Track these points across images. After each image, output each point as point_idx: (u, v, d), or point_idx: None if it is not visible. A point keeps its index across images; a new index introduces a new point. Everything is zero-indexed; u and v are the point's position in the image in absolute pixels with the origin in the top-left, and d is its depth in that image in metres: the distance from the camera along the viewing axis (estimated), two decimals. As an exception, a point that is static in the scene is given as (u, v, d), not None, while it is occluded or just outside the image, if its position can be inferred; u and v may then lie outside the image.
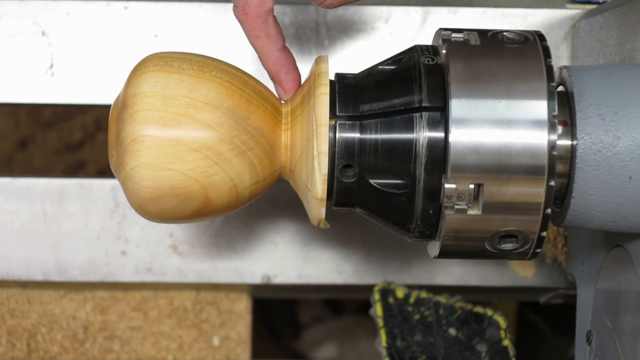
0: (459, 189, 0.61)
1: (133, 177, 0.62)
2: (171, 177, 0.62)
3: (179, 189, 0.62)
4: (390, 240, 0.88)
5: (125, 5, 0.85)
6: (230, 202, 0.64)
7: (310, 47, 0.85)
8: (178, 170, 0.62)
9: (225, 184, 0.63)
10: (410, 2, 0.85)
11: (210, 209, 0.63)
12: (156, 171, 0.61)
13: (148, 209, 0.63)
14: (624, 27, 0.72)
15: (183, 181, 0.62)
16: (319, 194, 0.63)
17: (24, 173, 1.27)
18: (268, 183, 0.65)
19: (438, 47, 0.65)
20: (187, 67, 0.63)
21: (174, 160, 0.61)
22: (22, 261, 0.88)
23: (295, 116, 0.65)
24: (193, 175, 0.62)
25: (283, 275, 0.89)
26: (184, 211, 0.63)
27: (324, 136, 0.62)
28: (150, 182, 0.62)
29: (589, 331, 0.75)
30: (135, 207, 0.64)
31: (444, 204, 0.62)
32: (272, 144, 0.64)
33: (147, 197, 0.62)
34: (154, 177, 0.62)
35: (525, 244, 0.63)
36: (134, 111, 0.62)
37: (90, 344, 0.93)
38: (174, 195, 0.62)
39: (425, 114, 0.62)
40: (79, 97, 0.85)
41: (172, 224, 0.88)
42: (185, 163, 0.62)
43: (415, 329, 0.85)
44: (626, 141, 0.62)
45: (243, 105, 0.63)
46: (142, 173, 0.62)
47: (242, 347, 0.94)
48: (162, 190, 0.62)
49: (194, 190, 0.62)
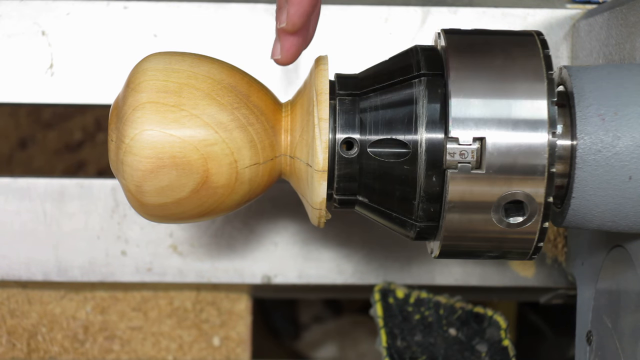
0: (461, 142, 0.61)
1: (133, 148, 0.62)
2: (172, 144, 0.62)
3: (179, 158, 0.62)
4: (391, 240, 0.88)
5: (125, 5, 0.85)
6: (229, 182, 0.63)
7: (309, 47, 0.85)
8: (178, 137, 0.62)
9: (226, 157, 0.63)
10: (410, 2, 0.85)
11: (209, 189, 0.63)
12: (157, 138, 0.62)
13: (146, 189, 0.63)
14: (624, 27, 0.72)
15: (183, 149, 0.62)
16: (320, 163, 0.63)
17: (24, 173, 1.27)
18: (268, 171, 0.65)
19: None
20: (188, 55, 0.65)
21: (174, 126, 0.62)
22: (22, 261, 0.88)
23: (295, 103, 0.66)
24: (193, 143, 0.62)
25: (283, 275, 0.89)
26: (183, 188, 0.62)
27: (325, 103, 0.63)
28: (150, 151, 0.62)
29: (589, 331, 0.75)
30: (133, 190, 0.63)
31: (447, 161, 0.62)
32: (273, 125, 0.65)
33: (147, 170, 0.62)
34: (154, 144, 0.62)
35: (532, 216, 0.62)
36: (137, 84, 0.63)
37: (90, 344, 0.93)
38: (174, 166, 0.62)
39: (424, 78, 0.63)
40: (79, 97, 0.85)
41: (172, 224, 0.88)
42: (185, 129, 0.62)
43: (416, 329, 0.85)
44: (626, 141, 0.62)
45: (244, 84, 0.64)
46: (143, 141, 0.62)
47: (242, 347, 0.94)
48: (162, 160, 0.62)
49: (193, 160, 0.62)
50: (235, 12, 0.85)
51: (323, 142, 0.63)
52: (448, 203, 0.62)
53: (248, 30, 0.85)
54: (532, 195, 0.62)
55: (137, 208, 0.65)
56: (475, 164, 0.62)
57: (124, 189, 0.64)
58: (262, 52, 0.85)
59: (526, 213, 0.62)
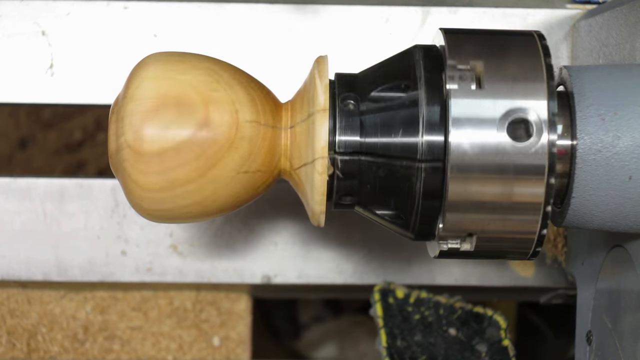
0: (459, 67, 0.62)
1: (135, 95, 0.62)
2: (174, 85, 0.62)
3: (180, 97, 0.62)
4: (390, 240, 0.88)
5: (125, 5, 0.85)
6: (230, 131, 0.63)
7: (309, 48, 0.85)
8: (180, 80, 0.63)
9: (227, 104, 0.63)
10: (410, 2, 0.85)
11: (209, 132, 0.62)
12: (159, 81, 0.63)
13: (145, 132, 0.62)
14: (624, 27, 0.72)
15: (184, 89, 0.62)
16: (322, 103, 0.63)
17: (24, 173, 1.27)
18: (268, 140, 0.64)
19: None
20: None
21: (177, 72, 0.63)
22: (22, 261, 0.88)
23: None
24: (195, 85, 0.63)
25: (283, 275, 0.89)
26: (183, 128, 0.62)
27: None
28: (152, 93, 0.62)
29: (589, 331, 0.75)
30: (132, 141, 0.62)
31: (447, 74, 0.62)
32: (274, 100, 0.66)
33: (147, 110, 0.62)
34: (156, 87, 0.62)
35: (538, 133, 0.62)
36: (140, 62, 0.65)
37: (90, 344, 0.93)
38: (175, 103, 0.62)
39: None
40: (79, 97, 0.85)
41: (172, 224, 0.88)
42: (188, 75, 0.63)
43: (416, 329, 0.85)
44: (626, 141, 0.62)
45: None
46: (145, 86, 0.63)
47: (242, 347, 0.94)
48: (164, 98, 0.62)
49: (194, 100, 0.62)
50: (235, 12, 0.85)
51: (324, 86, 0.63)
52: (452, 119, 0.62)
53: (248, 30, 0.85)
54: (534, 110, 0.62)
55: (135, 166, 0.63)
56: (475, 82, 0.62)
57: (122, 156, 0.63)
58: (262, 52, 0.85)
59: (531, 129, 0.62)
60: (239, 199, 0.65)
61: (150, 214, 0.65)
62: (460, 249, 0.64)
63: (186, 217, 0.65)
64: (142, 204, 0.64)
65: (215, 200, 0.64)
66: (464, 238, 0.63)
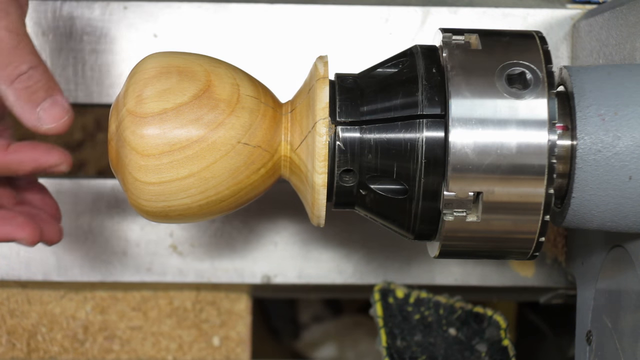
0: None
1: (138, 70, 0.64)
2: (177, 60, 0.65)
3: (183, 67, 0.64)
4: (390, 240, 0.88)
5: (125, 5, 0.85)
6: (231, 99, 0.64)
7: (309, 48, 0.85)
8: (183, 57, 0.65)
9: (228, 78, 0.65)
10: (410, 2, 0.85)
11: (210, 98, 0.63)
12: (163, 57, 0.65)
13: (147, 94, 0.63)
14: (624, 27, 0.72)
15: (187, 63, 0.65)
16: (321, 73, 0.64)
17: (24, 173, 1.27)
18: (267, 119, 0.65)
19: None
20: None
21: (179, 56, 0.65)
22: (22, 261, 0.88)
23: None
24: (198, 61, 0.65)
25: (283, 275, 0.89)
26: (184, 92, 0.63)
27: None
28: (155, 64, 0.64)
29: (589, 331, 0.75)
30: (133, 106, 0.63)
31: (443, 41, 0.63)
32: (274, 96, 0.67)
33: (149, 77, 0.64)
34: (159, 61, 0.65)
35: (537, 86, 0.62)
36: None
37: (90, 344, 0.93)
38: (177, 73, 0.64)
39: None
40: (78, 97, 0.85)
41: (172, 224, 0.88)
42: (190, 56, 0.65)
43: (415, 329, 0.85)
44: (626, 141, 0.62)
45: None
46: (149, 62, 0.65)
47: (242, 347, 0.94)
48: (166, 68, 0.64)
49: (197, 70, 0.64)
50: (235, 12, 0.85)
51: (324, 79, 0.64)
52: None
53: (248, 30, 0.85)
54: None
55: (135, 132, 0.63)
56: None
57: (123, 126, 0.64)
58: (262, 52, 0.85)
59: (531, 81, 0.62)
60: (238, 177, 0.64)
61: (148, 189, 0.64)
62: (467, 218, 0.62)
63: (184, 195, 0.64)
64: (140, 175, 0.63)
65: (214, 173, 0.64)
66: (469, 206, 0.63)
